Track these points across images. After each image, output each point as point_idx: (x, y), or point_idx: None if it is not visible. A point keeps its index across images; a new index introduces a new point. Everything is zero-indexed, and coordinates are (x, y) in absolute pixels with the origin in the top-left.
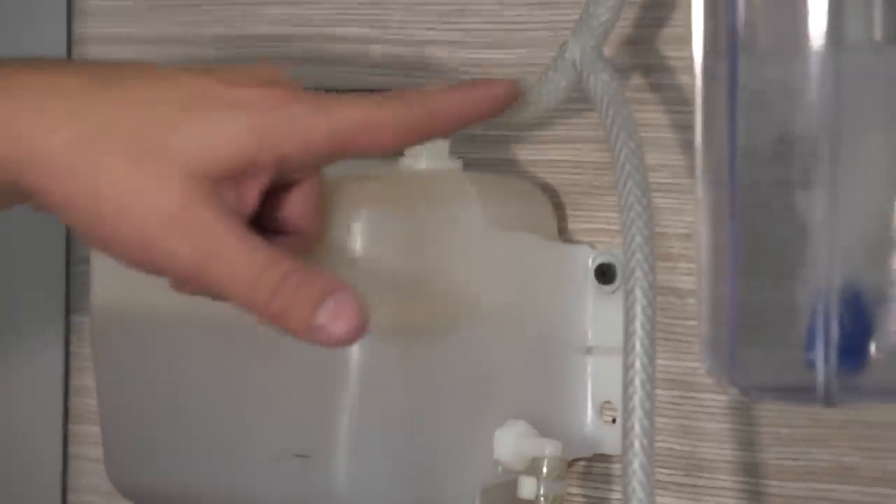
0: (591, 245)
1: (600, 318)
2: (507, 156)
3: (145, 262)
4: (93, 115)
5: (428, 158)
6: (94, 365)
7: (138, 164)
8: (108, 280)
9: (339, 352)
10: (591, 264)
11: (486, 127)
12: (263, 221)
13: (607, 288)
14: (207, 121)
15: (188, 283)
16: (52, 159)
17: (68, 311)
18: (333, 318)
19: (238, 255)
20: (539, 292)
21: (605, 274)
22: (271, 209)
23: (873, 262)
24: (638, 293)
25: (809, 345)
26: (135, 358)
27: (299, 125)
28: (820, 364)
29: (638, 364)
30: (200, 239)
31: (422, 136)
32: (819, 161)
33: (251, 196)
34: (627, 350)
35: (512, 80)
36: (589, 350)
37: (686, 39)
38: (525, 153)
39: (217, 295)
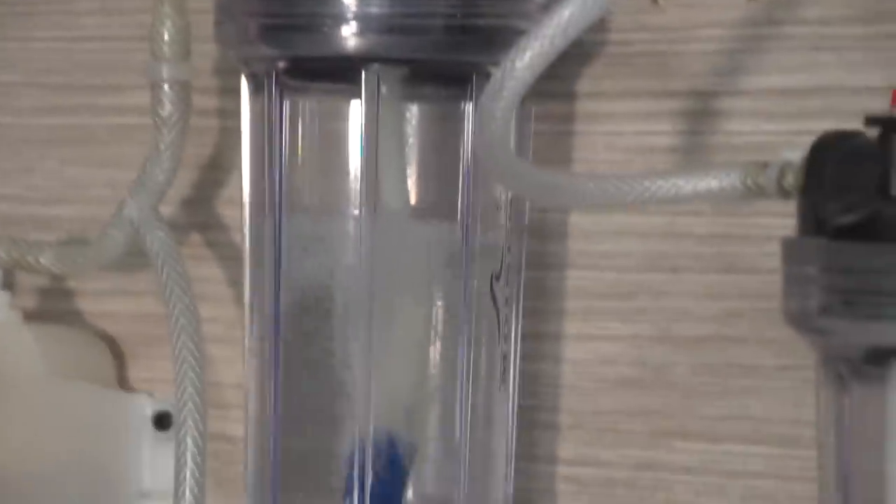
0: (150, 394)
1: (157, 463)
2: (69, 307)
3: None
4: None
5: None
6: None
7: None
8: None
9: None
10: (149, 412)
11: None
12: None
13: (164, 435)
14: None
15: None
16: None
17: None
18: None
19: None
20: (98, 439)
21: (162, 422)
22: None
23: (407, 414)
24: (188, 441)
25: (348, 492)
26: None
27: None
28: None
29: None
30: None
31: None
32: (355, 318)
33: None
34: (178, 496)
35: None
36: (144, 495)
37: (238, 200)
38: (86, 304)
39: None
